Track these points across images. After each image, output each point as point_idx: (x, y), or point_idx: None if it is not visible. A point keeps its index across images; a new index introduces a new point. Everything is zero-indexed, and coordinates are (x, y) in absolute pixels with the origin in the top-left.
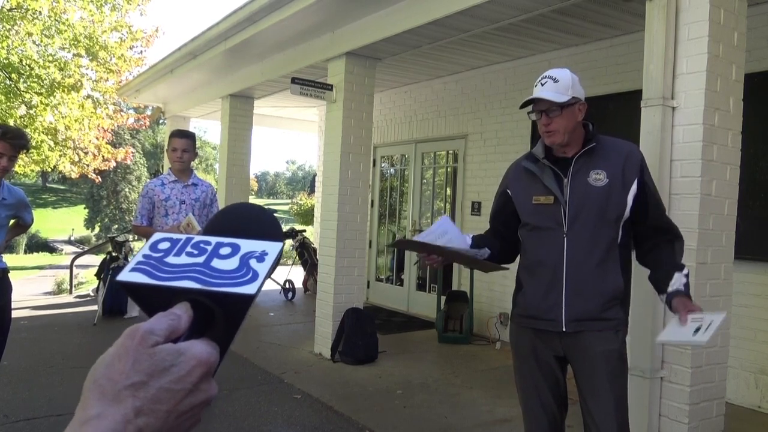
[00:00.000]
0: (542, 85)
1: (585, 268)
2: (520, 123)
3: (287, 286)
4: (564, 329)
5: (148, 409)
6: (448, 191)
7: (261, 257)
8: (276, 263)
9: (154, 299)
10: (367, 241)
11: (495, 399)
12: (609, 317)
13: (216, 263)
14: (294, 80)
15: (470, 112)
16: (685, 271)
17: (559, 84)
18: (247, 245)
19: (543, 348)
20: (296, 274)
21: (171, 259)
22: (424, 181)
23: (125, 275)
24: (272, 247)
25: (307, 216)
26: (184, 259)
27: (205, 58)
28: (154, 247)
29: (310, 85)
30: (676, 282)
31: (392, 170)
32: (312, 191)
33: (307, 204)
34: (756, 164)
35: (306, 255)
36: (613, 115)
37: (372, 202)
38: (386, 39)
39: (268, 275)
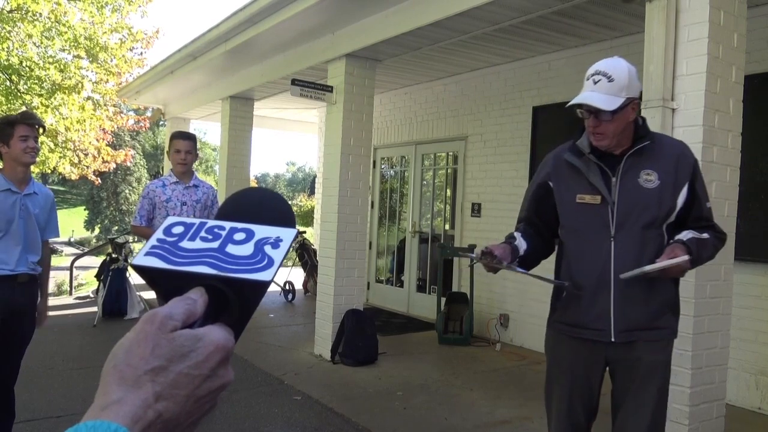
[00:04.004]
0: (594, 83)
1: None
2: (520, 125)
3: (287, 287)
4: (613, 339)
5: (167, 393)
6: (448, 192)
7: (276, 243)
8: (290, 250)
9: (169, 284)
10: (367, 242)
11: (495, 400)
12: (662, 326)
13: (231, 249)
14: (294, 82)
15: (470, 114)
16: (704, 235)
17: (613, 84)
18: (261, 231)
19: (584, 358)
20: (296, 276)
21: (185, 244)
22: (424, 182)
23: (140, 259)
24: (287, 234)
25: (307, 217)
26: (198, 244)
27: (206, 59)
28: (168, 232)
29: (311, 86)
30: (683, 235)
31: (392, 172)
32: (312, 193)
33: (307, 205)
34: (756, 166)
35: (306, 256)
36: None
37: (372, 203)
38: (386, 41)
39: (283, 261)
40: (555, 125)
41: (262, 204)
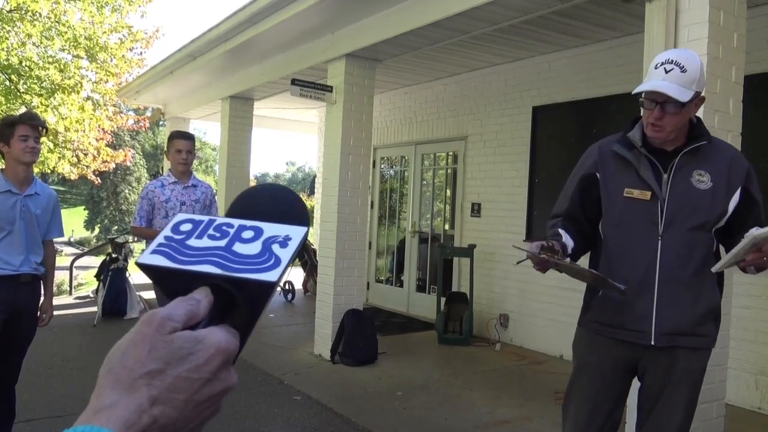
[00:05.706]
0: (666, 72)
1: (681, 277)
2: (520, 125)
3: (287, 287)
4: (652, 343)
5: (164, 398)
6: (448, 192)
7: (284, 242)
8: (300, 249)
9: (174, 283)
10: (367, 242)
11: (495, 400)
12: (704, 333)
13: (238, 247)
14: (294, 82)
15: (470, 114)
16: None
17: (686, 75)
18: (270, 229)
19: (616, 359)
20: (296, 276)
21: (192, 242)
22: (424, 182)
23: (145, 257)
24: (296, 232)
25: None
26: (205, 242)
27: (205, 59)
28: (176, 229)
29: (310, 86)
30: (755, 229)
31: (392, 171)
32: (312, 193)
33: (307, 205)
34: (756, 166)
35: (306, 256)
36: (614, 117)
37: (372, 203)
38: (386, 41)
39: (291, 261)
40: (555, 125)
41: (272, 201)
